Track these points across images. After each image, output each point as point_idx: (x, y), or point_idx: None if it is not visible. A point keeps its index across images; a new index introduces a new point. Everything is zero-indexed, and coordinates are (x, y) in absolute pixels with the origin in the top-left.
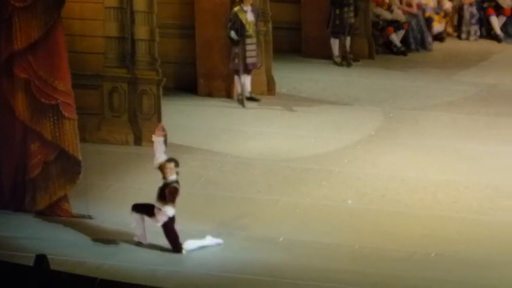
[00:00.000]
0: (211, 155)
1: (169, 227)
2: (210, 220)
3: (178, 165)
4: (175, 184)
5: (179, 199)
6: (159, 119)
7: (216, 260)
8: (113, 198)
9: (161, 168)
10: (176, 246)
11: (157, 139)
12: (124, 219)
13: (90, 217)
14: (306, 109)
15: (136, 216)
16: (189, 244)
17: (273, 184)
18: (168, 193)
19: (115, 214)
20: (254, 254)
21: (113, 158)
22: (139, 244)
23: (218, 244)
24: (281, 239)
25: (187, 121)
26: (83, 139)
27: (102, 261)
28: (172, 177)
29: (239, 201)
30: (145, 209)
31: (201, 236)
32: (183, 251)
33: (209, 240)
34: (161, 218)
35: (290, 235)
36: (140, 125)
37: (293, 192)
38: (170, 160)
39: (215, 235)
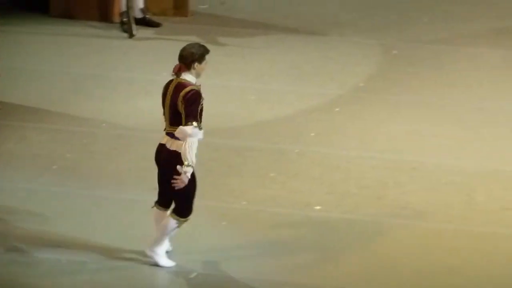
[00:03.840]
0: (70, 123)
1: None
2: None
3: (205, 52)
4: (193, 86)
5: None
6: None
7: None
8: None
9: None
10: (184, 210)
11: None
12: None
13: None
14: (242, 42)
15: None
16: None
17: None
18: (184, 104)
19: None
20: None
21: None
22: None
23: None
24: None
25: (28, 64)
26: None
27: None
28: (187, 75)
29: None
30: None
31: None
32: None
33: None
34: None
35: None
36: None
37: (217, 191)
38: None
39: None
